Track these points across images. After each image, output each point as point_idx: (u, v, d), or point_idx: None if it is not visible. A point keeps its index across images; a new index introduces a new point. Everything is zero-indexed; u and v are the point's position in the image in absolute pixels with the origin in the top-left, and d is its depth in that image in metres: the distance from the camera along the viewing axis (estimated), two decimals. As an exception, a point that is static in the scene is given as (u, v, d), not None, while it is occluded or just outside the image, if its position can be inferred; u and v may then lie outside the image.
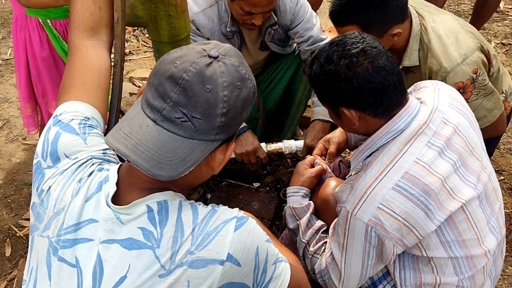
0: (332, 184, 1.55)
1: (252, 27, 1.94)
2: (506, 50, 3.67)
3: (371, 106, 1.27)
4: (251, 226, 0.97)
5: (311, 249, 1.45)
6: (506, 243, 1.92)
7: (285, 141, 2.05)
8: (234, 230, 0.93)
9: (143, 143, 0.88)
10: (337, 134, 1.78)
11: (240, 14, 1.88)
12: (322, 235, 1.47)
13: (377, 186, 1.24)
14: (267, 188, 2.36)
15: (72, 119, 1.04)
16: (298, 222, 1.51)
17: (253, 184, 2.38)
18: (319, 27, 2.12)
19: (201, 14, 1.96)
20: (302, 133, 2.56)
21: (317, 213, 1.55)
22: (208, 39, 2.01)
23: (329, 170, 1.64)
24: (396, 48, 1.80)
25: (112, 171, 0.98)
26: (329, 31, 3.61)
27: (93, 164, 0.99)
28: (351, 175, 1.43)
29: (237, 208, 1.00)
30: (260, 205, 2.17)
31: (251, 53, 2.18)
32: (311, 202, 1.54)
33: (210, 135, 0.90)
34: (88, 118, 1.06)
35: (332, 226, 1.42)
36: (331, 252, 1.37)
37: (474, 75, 1.69)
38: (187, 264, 0.89)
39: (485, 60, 1.74)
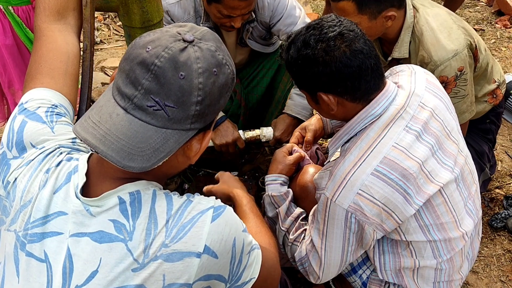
0: (310, 170, 1.53)
1: (230, 29, 1.89)
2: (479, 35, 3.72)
3: (349, 91, 1.26)
4: (228, 215, 0.94)
5: (290, 237, 1.44)
6: (482, 225, 1.95)
7: (262, 128, 2.02)
8: (211, 221, 0.90)
9: (113, 133, 0.83)
10: (313, 122, 1.76)
11: (218, 17, 1.83)
12: (301, 222, 1.46)
13: (356, 172, 1.23)
14: (246, 177, 2.34)
15: (39, 107, 0.98)
16: (277, 210, 1.50)
17: (232, 173, 2.35)
18: (304, 19, 2.03)
19: (177, 5, 1.90)
20: None
21: (296, 200, 1.53)
22: None
23: (307, 157, 1.63)
24: (388, 38, 1.80)
25: (81, 160, 0.93)
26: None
27: (61, 153, 0.94)
28: (329, 161, 1.42)
29: (213, 197, 0.97)
30: (238, 194, 2.14)
31: (230, 49, 2.13)
32: (289, 189, 1.53)
33: (184, 124, 0.86)
34: (56, 106, 1.01)
35: (311, 213, 1.41)
36: (311, 239, 1.36)
37: (459, 73, 1.71)
38: (162, 257, 0.86)
39: (472, 59, 1.76)
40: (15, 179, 0.92)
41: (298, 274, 1.73)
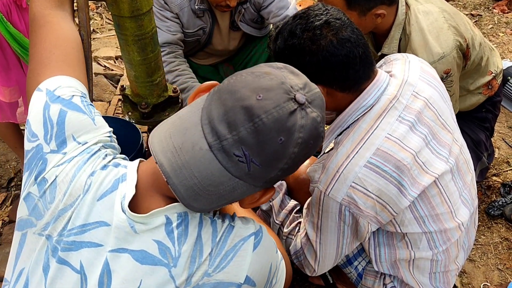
0: (304, 162, 1.51)
1: (226, 9, 1.86)
2: (476, 21, 3.68)
3: (337, 80, 1.23)
4: (267, 241, 0.91)
5: (285, 230, 1.42)
6: (478, 213, 1.94)
7: None
8: (253, 250, 0.87)
9: (190, 168, 0.78)
10: None
11: None
12: (295, 215, 1.45)
13: (349, 164, 1.21)
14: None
15: (73, 95, 0.90)
16: (271, 203, 1.48)
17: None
18: (295, 5, 2.04)
19: None
20: None
21: (290, 193, 1.52)
22: (177, 14, 1.92)
23: None
24: (378, 33, 1.76)
25: (130, 169, 0.87)
26: (300, 5, 3.55)
27: (106, 155, 0.88)
28: (323, 153, 1.39)
29: (251, 219, 0.93)
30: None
31: (223, 34, 2.10)
32: (283, 181, 1.51)
33: (259, 182, 0.82)
34: (85, 95, 0.94)
35: (305, 206, 1.39)
36: (306, 233, 1.34)
37: (445, 75, 1.68)
38: (203, 287, 0.83)
39: (461, 60, 1.73)
40: (56, 177, 0.84)
41: (293, 265, 1.72)
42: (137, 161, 0.90)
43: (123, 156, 0.94)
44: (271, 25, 2.15)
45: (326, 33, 1.19)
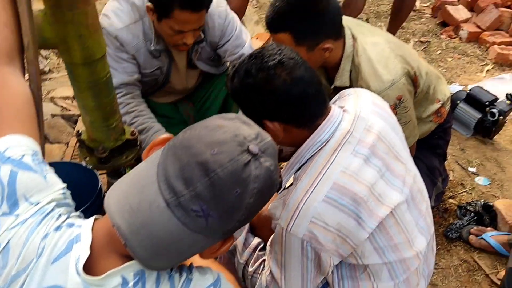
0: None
1: (184, 47, 1.88)
2: (424, 48, 3.86)
3: (292, 118, 1.27)
4: None
5: (250, 269, 1.42)
6: (437, 236, 1.99)
7: None
8: None
9: (148, 227, 0.77)
10: None
11: (170, 34, 1.81)
12: (259, 253, 1.45)
13: (308, 200, 1.23)
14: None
15: (23, 155, 0.89)
16: (234, 242, 1.47)
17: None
18: (250, 43, 2.09)
19: (125, 30, 1.87)
20: None
21: (252, 230, 1.52)
22: (133, 56, 1.93)
23: None
24: (329, 67, 1.82)
25: (85, 229, 0.85)
26: (257, 38, 3.63)
27: (60, 215, 0.86)
28: (283, 189, 1.41)
29: (209, 268, 0.93)
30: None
31: (181, 72, 2.12)
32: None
33: (217, 234, 0.83)
34: (37, 152, 0.93)
35: (269, 243, 1.40)
36: (270, 270, 1.34)
37: (398, 101, 1.75)
38: None
39: (411, 86, 1.80)
40: (8, 241, 0.82)
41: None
42: (92, 219, 0.89)
43: (78, 213, 0.93)
44: (228, 62, 2.19)
45: (280, 73, 1.23)
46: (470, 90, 2.78)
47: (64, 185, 0.92)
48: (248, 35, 2.10)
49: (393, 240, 1.31)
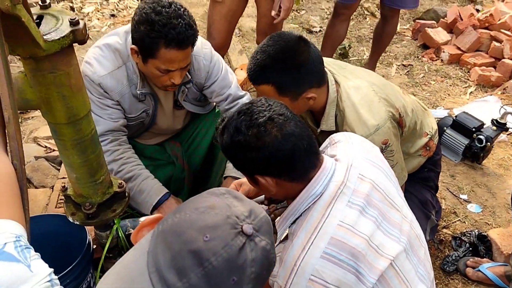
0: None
1: (172, 87, 1.85)
2: (407, 71, 3.89)
3: (284, 172, 1.25)
4: None
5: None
6: (434, 270, 1.97)
7: None
8: None
9: None
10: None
11: (157, 75, 1.77)
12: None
13: (306, 256, 1.19)
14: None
15: (5, 243, 0.83)
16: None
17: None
18: (237, 84, 2.08)
19: (109, 76, 1.83)
20: None
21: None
22: (117, 102, 1.89)
23: None
24: (315, 111, 1.81)
25: None
26: (241, 68, 3.62)
27: None
28: (279, 242, 1.37)
29: None
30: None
31: (167, 113, 2.09)
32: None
33: None
34: (19, 237, 0.86)
35: (266, 301, 1.35)
36: (269, 329, 1.30)
37: (384, 146, 1.74)
38: None
39: (396, 129, 1.79)
40: None
41: None
42: None
43: None
44: (214, 101, 2.16)
45: (270, 129, 1.21)
46: (456, 116, 2.79)
47: (51, 270, 0.86)
48: (234, 76, 2.08)
49: (394, 291, 1.27)
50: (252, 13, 4.36)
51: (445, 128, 2.78)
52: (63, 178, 2.70)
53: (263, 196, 1.74)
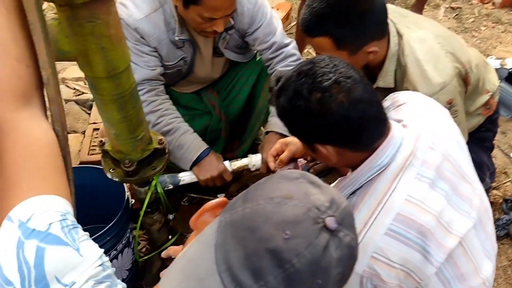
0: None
1: (213, 34, 1.70)
2: (456, 15, 3.60)
3: (349, 142, 1.12)
4: None
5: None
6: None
7: (250, 156, 1.86)
8: None
9: None
10: (297, 141, 1.61)
11: (198, 22, 1.63)
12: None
13: (368, 233, 1.09)
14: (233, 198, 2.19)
15: (50, 223, 0.74)
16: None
17: (218, 195, 2.20)
18: (282, 30, 1.90)
19: (145, 20, 1.69)
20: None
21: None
22: (155, 48, 1.75)
23: None
24: (371, 65, 1.64)
25: None
26: (277, 8, 3.39)
27: None
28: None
29: None
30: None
31: (206, 61, 1.95)
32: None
33: None
34: (65, 215, 0.77)
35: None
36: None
37: (448, 106, 1.57)
38: None
39: (462, 87, 1.63)
40: None
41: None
42: None
43: (113, 270, 0.79)
44: (256, 50, 2.00)
45: (336, 94, 1.06)
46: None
47: (101, 253, 0.77)
48: (279, 21, 1.90)
49: (460, 269, 1.18)
50: None
51: (499, 80, 2.57)
52: (94, 123, 2.63)
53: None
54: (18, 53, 0.82)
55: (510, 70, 2.56)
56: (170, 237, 1.96)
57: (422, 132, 1.18)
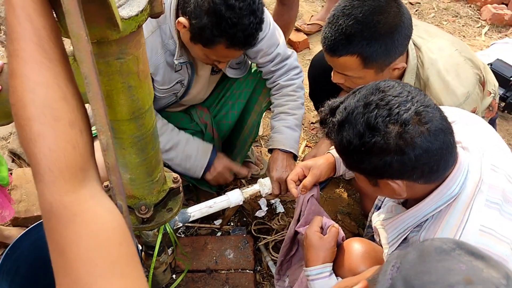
0: (356, 247, 1.28)
1: (215, 67, 1.61)
2: (416, 10, 3.63)
3: (425, 175, 1.01)
4: None
5: None
6: None
7: (259, 180, 1.72)
8: None
9: None
10: (320, 164, 1.50)
11: (203, 58, 1.53)
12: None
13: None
14: (232, 224, 2.04)
15: None
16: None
17: (214, 222, 2.04)
18: (284, 41, 1.77)
19: None
20: (253, 156, 2.26)
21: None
22: (151, 74, 1.57)
23: (340, 229, 1.36)
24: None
25: None
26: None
27: None
28: (393, 251, 1.17)
29: None
30: (236, 253, 1.85)
31: (203, 82, 1.78)
32: (337, 278, 1.27)
33: None
34: None
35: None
36: None
37: None
38: None
39: (482, 93, 1.59)
40: None
41: None
42: None
43: None
44: (257, 63, 1.85)
45: (418, 127, 0.95)
46: (491, 64, 2.60)
47: None
48: (281, 32, 1.77)
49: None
50: None
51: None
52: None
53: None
54: (70, 117, 0.64)
55: (490, 66, 2.58)
56: (174, 276, 1.79)
57: (484, 154, 1.10)
